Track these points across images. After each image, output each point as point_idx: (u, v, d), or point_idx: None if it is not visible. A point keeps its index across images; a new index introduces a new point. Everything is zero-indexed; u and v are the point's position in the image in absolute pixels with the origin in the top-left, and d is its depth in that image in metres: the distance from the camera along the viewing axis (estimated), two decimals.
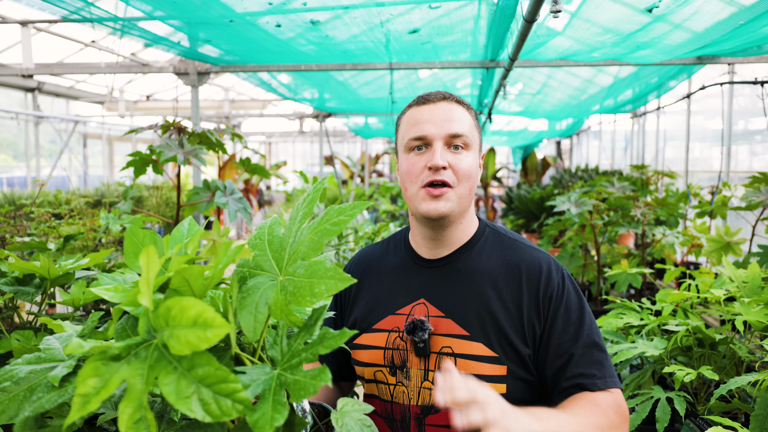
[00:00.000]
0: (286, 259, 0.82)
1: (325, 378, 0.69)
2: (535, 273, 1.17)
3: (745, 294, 1.85)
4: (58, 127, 9.63)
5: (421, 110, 1.20)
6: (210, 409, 0.62)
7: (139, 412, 0.62)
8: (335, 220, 0.80)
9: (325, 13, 2.89)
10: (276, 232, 0.87)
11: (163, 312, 0.64)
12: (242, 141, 2.82)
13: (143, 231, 0.92)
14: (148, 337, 0.67)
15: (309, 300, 0.74)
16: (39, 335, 1.41)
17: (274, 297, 0.77)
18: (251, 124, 15.78)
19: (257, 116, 10.66)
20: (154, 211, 5.25)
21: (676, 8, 2.41)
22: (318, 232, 0.80)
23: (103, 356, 0.65)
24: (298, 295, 0.75)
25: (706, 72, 5.14)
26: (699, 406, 1.87)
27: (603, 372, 1.12)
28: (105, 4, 2.59)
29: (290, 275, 0.78)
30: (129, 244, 0.90)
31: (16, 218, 3.28)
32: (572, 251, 4.01)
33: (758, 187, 3.00)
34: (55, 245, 2.00)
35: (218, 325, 0.61)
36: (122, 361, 0.65)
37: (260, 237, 0.88)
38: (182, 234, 0.93)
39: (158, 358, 0.65)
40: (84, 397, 0.63)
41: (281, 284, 0.79)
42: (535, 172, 10.76)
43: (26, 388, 0.81)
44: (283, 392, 0.71)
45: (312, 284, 0.74)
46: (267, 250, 0.85)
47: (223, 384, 0.63)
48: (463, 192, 1.17)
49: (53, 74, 4.74)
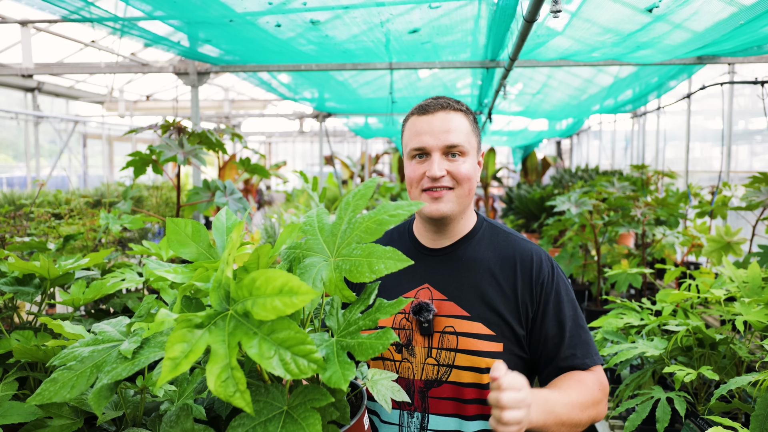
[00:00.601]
0: (338, 243, 0.93)
1: (391, 337, 0.80)
2: (528, 262, 1.30)
3: (746, 294, 1.85)
4: (57, 127, 9.63)
5: (421, 121, 1.30)
6: (289, 368, 0.69)
7: (226, 372, 0.69)
8: (393, 212, 0.91)
9: (325, 12, 2.89)
10: (325, 220, 0.98)
11: (247, 283, 0.71)
12: (242, 141, 2.82)
13: (183, 219, 1.00)
14: (221, 309, 0.74)
15: (368, 275, 0.85)
16: (39, 335, 1.41)
17: (328, 274, 0.88)
18: (251, 124, 15.79)
19: (257, 116, 10.66)
20: (154, 211, 5.25)
21: (676, 8, 2.41)
22: (377, 221, 0.90)
23: (188, 324, 0.72)
24: (356, 272, 0.86)
25: (707, 72, 5.14)
26: (699, 407, 1.87)
27: (589, 351, 1.28)
28: (105, 4, 2.59)
29: (345, 256, 0.90)
30: (172, 232, 0.98)
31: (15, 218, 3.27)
32: (572, 251, 4.01)
33: (758, 187, 2.99)
34: (54, 245, 2.00)
35: (304, 291, 0.68)
36: (204, 329, 0.72)
37: (310, 224, 0.99)
38: (222, 223, 1.01)
39: (236, 326, 0.72)
40: (173, 360, 0.69)
41: (335, 263, 0.90)
42: (535, 172, 10.76)
43: (91, 365, 0.89)
44: (345, 354, 0.81)
45: (371, 263, 0.85)
46: (318, 235, 0.96)
47: (302, 345, 0.70)
48: (462, 192, 1.29)
49: (53, 74, 4.74)
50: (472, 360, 1.25)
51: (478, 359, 1.24)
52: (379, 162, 16.00)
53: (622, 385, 1.96)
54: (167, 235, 0.99)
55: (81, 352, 0.92)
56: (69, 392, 0.85)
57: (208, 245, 0.98)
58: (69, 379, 0.87)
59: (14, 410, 1.11)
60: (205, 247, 0.98)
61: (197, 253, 0.98)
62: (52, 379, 0.88)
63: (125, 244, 4.24)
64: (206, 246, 0.99)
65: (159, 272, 0.87)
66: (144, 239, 2.59)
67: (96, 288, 1.53)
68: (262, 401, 0.83)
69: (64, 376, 0.88)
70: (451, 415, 1.26)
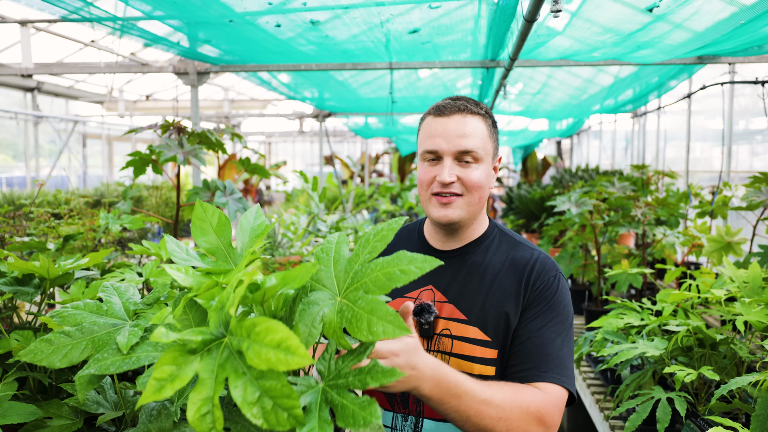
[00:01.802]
0: (348, 282, 0.88)
1: (375, 413, 0.74)
2: (533, 267, 1.26)
3: (746, 294, 1.85)
4: (57, 127, 9.62)
5: (436, 122, 1.26)
6: (268, 418, 0.67)
7: (206, 406, 0.67)
8: (405, 267, 0.85)
9: (324, 12, 2.89)
10: (343, 252, 0.94)
11: (247, 325, 0.69)
12: (242, 141, 2.82)
13: (213, 207, 0.97)
14: (218, 333, 0.73)
15: (365, 335, 0.79)
16: (38, 335, 1.40)
17: (330, 317, 0.84)
18: (251, 123, 15.78)
19: (257, 116, 10.65)
20: (154, 211, 5.25)
21: (676, 8, 2.41)
22: (387, 274, 0.84)
23: (182, 348, 0.70)
24: (355, 326, 0.81)
25: (707, 72, 5.13)
26: (700, 407, 1.87)
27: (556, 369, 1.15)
28: (104, 4, 2.59)
29: (350, 302, 0.85)
30: (198, 217, 0.96)
31: (15, 218, 3.27)
32: (573, 251, 4.00)
33: (759, 187, 2.99)
34: (54, 245, 1.99)
35: (301, 354, 0.66)
36: (197, 355, 0.71)
37: (326, 251, 0.95)
38: (248, 223, 0.98)
39: (228, 358, 0.70)
40: (159, 381, 0.68)
41: (339, 306, 0.85)
42: (536, 172, 10.76)
43: (89, 338, 0.87)
44: (327, 409, 0.76)
45: (371, 321, 0.80)
46: (331, 267, 0.92)
47: (286, 399, 0.68)
48: (472, 200, 1.25)
49: (52, 74, 4.74)
50: (464, 365, 1.22)
51: (471, 365, 1.21)
52: (379, 162, 15.99)
53: (622, 385, 1.96)
54: (193, 218, 0.96)
55: (83, 318, 0.90)
56: (60, 360, 0.84)
57: (229, 243, 0.96)
58: (63, 345, 0.86)
59: (14, 410, 1.11)
60: (225, 244, 0.96)
61: (215, 247, 0.96)
62: (47, 339, 0.86)
63: (125, 244, 4.24)
64: (227, 243, 0.96)
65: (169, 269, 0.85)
66: (144, 239, 2.58)
67: (95, 288, 1.53)
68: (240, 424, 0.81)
69: (59, 341, 0.87)
70: (445, 420, 1.22)
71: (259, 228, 0.98)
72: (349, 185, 12.81)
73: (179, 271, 0.86)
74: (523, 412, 1.05)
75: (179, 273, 0.85)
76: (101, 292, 0.97)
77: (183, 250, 0.95)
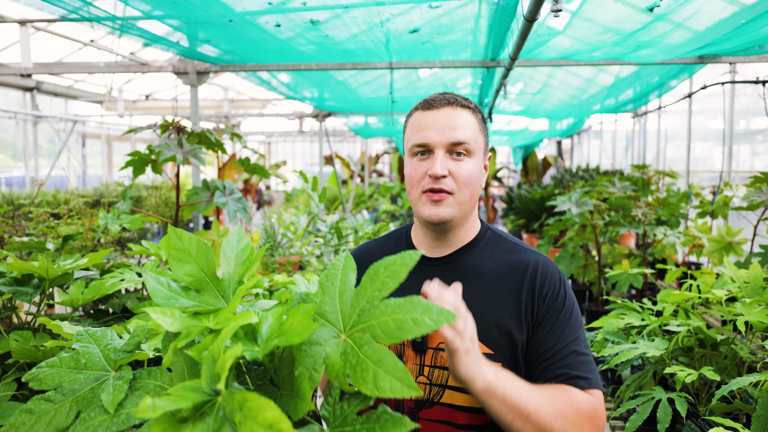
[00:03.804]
0: (354, 319, 0.82)
1: None
2: (534, 272, 1.19)
3: (747, 294, 1.84)
4: (56, 127, 9.62)
5: (425, 116, 1.21)
6: None
7: None
8: (417, 317, 0.78)
9: (324, 12, 2.88)
10: (350, 282, 0.87)
11: (238, 399, 0.65)
12: (242, 140, 2.81)
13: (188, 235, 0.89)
14: (210, 391, 0.69)
15: (371, 389, 0.73)
16: (38, 335, 1.40)
17: (333, 359, 0.78)
18: (251, 123, 15.77)
19: (257, 116, 10.64)
20: (153, 211, 5.24)
21: (677, 7, 2.40)
22: (397, 322, 0.78)
23: (172, 418, 0.66)
24: (360, 376, 0.75)
25: (708, 71, 5.13)
26: (700, 407, 1.86)
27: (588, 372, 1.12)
28: (104, 4, 2.58)
29: (356, 344, 0.78)
30: (173, 247, 0.89)
31: (14, 218, 3.27)
32: (573, 251, 4.00)
33: (760, 187, 2.99)
34: (53, 245, 1.99)
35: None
36: (188, 423, 0.66)
37: (332, 280, 0.88)
38: (232, 248, 0.91)
39: (221, 426, 0.66)
40: None
41: (343, 347, 0.79)
42: (536, 171, 10.75)
43: (72, 399, 0.82)
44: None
45: (377, 374, 0.74)
46: (337, 299, 0.85)
47: None
48: (463, 198, 1.19)
49: (52, 73, 4.73)
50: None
51: None
52: (379, 162, 15.99)
53: (623, 386, 1.96)
54: (166, 247, 0.90)
55: (61, 378, 0.85)
56: (45, 429, 0.80)
57: (213, 274, 0.89)
58: (46, 412, 0.81)
59: (13, 411, 1.10)
60: (210, 275, 0.89)
61: (199, 279, 0.89)
62: (27, 410, 0.82)
63: (124, 244, 4.24)
64: (211, 274, 0.89)
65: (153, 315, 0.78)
66: (143, 239, 2.58)
67: (95, 288, 1.53)
68: None
69: (41, 408, 0.82)
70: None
71: (244, 252, 0.91)
72: (349, 185, 12.81)
73: (165, 315, 0.80)
74: (578, 414, 1.04)
75: (165, 317, 0.79)
76: (76, 342, 0.91)
77: (165, 286, 0.88)
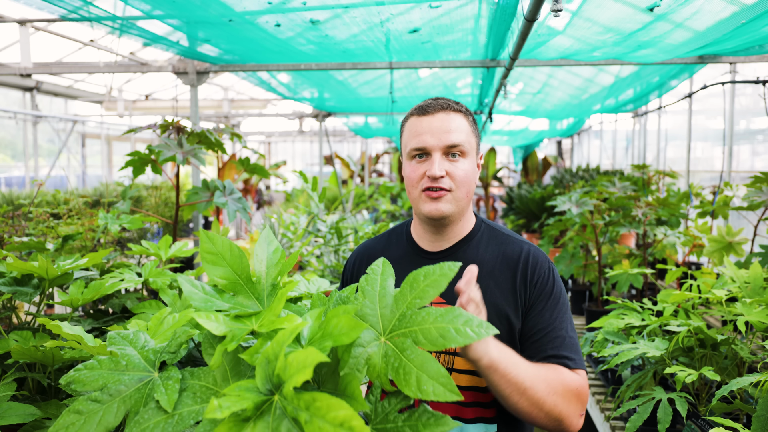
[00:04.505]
0: (394, 323, 0.85)
1: None
2: (526, 261, 1.31)
3: (747, 294, 1.84)
4: (56, 127, 9.61)
5: (421, 121, 1.31)
6: None
7: None
8: (459, 327, 0.82)
9: (324, 12, 2.88)
10: (389, 287, 0.91)
11: (306, 399, 0.69)
12: (241, 140, 2.81)
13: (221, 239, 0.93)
14: (266, 390, 0.73)
15: (414, 391, 0.77)
16: (37, 336, 1.40)
17: (374, 360, 0.82)
18: (251, 123, 15.76)
19: (257, 116, 10.64)
20: (153, 211, 5.24)
21: (677, 7, 2.40)
22: (441, 330, 0.81)
23: (236, 418, 0.70)
24: (403, 379, 0.78)
25: (708, 71, 5.13)
26: (701, 407, 1.86)
27: (575, 353, 1.25)
28: (103, 3, 2.58)
29: (398, 349, 0.82)
30: (206, 251, 0.92)
31: (14, 218, 3.26)
32: (573, 251, 4.00)
33: (760, 187, 2.99)
34: (53, 245, 1.99)
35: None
36: (251, 422, 0.70)
37: (371, 284, 0.92)
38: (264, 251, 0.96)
39: (280, 424, 0.70)
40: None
41: (384, 349, 0.83)
42: (536, 171, 10.75)
43: (119, 399, 0.86)
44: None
45: (420, 378, 0.78)
46: (377, 303, 0.89)
47: None
48: (460, 195, 1.30)
49: (51, 73, 4.73)
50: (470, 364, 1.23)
51: None
52: (379, 162, 15.98)
53: (623, 386, 1.95)
54: (201, 251, 0.93)
55: (105, 379, 0.88)
56: (95, 429, 0.83)
57: (248, 277, 0.93)
58: (95, 412, 0.84)
59: (13, 411, 1.10)
60: (244, 278, 0.93)
61: (233, 282, 0.92)
62: (75, 410, 0.84)
63: (124, 244, 4.23)
64: (245, 277, 0.93)
65: (199, 319, 0.82)
66: (143, 239, 2.58)
67: (95, 288, 1.53)
68: None
69: (89, 408, 0.85)
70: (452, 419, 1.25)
71: (275, 255, 0.95)
72: (349, 185, 12.81)
73: (209, 319, 0.84)
74: (567, 390, 1.15)
75: (210, 322, 0.83)
76: (111, 344, 0.95)
77: (200, 289, 0.92)
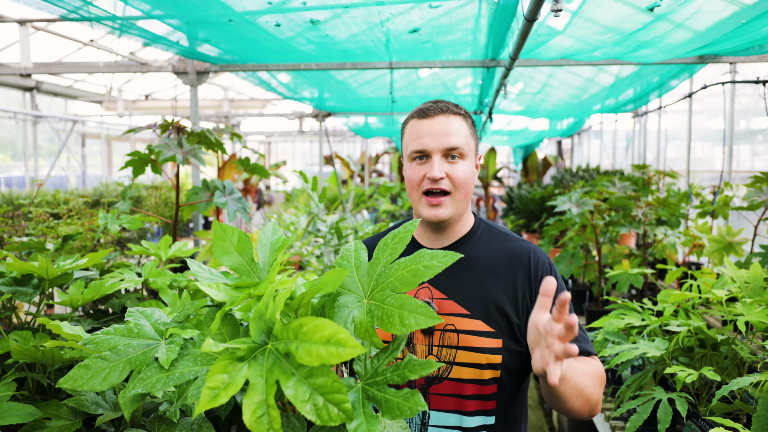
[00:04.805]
0: (372, 285, 0.93)
1: (419, 403, 0.78)
2: (527, 258, 1.35)
3: (747, 294, 1.84)
4: (56, 127, 9.61)
5: (421, 124, 1.34)
6: (321, 414, 0.72)
7: (261, 408, 0.71)
8: (428, 263, 0.90)
9: (324, 12, 2.88)
10: (362, 257, 0.99)
11: (294, 327, 0.74)
12: (241, 140, 2.81)
13: (230, 228, 1.03)
14: (260, 341, 0.77)
15: (398, 328, 0.85)
16: (37, 336, 1.40)
17: (360, 318, 0.89)
18: (250, 123, 15.76)
19: (257, 116, 10.64)
20: (153, 211, 5.24)
21: (677, 7, 2.40)
22: (411, 271, 0.90)
23: (231, 356, 0.75)
24: (387, 322, 0.86)
25: (708, 71, 5.13)
26: (701, 407, 1.86)
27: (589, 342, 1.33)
28: (103, 3, 2.58)
29: (378, 301, 0.90)
30: (218, 238, 1.01)
31: (14, 218, 3.26)
32: (573, 251, 4.00)
33: (760, 187, 2.99)
34: (53, 245, 1.99)
35: (352, 345, 0.69)
36: (245, 362, 0.75)
37: (347, 259, 0.99)
38: (267, 238, 1.04)
39: (275, 363, 0.75)
40: (213, 390, 0.72)
41: (367, 307, 0.90)
42: (536, 171, 10.75)
43: (126, 360, 0.91)
44: (370, 405, 0.81)
45: (402, 315, 0.85)
46: (354, 272, 0.96)
47: (336, 394, 0.73)
48: (459, 197, 1.34)
49: (51, 73, 4.73)
50: (472, 356, 1.28)
51: (478, 355, 1.28)
52: (379, 162, 15.99)
53: (623, 386, 1.95)
54: (214, 239, 1.01)
55: (117, 342, 0.93)
56: (100, 383, 0.88)
57: (251, 259, 1.01)
58: (102, 369, 0.89)
59: (13, 411, 1.10)
60: (248, 260, 1.01)
61: (239, 265, 1.00)
62: (84, 365, 0.89)
63: (124, 244, 4.23)
64: (249, 259, 1.01)
65: (202, 286, 0.89)
66: (143, 239, 2.58)
67: (95, 288, 1.53)
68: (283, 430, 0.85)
69: (97, 365, 0.90)
70: (452, 411, 1.30)
71: (278, 242, 1.03)
72: (349, 185, 12.81)
73: (211, 287, 0.90)
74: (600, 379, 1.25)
75: (212, 289, 0.90)
76: (128, 316, 1.01)
77: (206, 270, 0.99)
